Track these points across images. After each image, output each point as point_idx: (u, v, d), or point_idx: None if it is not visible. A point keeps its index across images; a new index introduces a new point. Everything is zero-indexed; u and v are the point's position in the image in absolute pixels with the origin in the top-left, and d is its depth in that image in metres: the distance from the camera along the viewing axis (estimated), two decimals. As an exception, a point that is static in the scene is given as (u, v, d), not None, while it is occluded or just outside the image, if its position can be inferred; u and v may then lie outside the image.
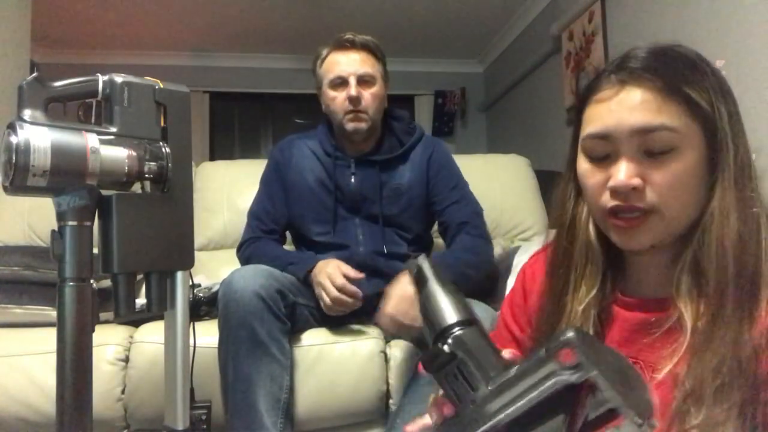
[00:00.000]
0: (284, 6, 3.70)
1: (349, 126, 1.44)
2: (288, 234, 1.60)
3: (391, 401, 1.35)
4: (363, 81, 1.44)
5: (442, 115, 4.71)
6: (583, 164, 0.64)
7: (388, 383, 1.36)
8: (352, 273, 1.26)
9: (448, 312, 0.48)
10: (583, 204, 0.68)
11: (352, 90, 1.42)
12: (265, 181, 1.56)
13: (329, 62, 1.46)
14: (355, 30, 1.50)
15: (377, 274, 1.39)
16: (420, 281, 0.53)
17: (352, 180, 1.48)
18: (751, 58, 1.84)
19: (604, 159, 0.62)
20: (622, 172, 0.59)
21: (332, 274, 1.25)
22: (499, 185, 1.96)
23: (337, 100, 1.45)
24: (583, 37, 2.99)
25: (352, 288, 1.25)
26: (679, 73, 0.59)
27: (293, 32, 4.06)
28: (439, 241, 1.63)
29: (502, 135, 4.45)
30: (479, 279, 1.40)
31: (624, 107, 0.59)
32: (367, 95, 1.44)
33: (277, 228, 1.52)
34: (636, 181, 0.59)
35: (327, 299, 1.26)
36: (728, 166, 0.59)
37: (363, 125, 1.45)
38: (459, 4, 3.73)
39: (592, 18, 2.88)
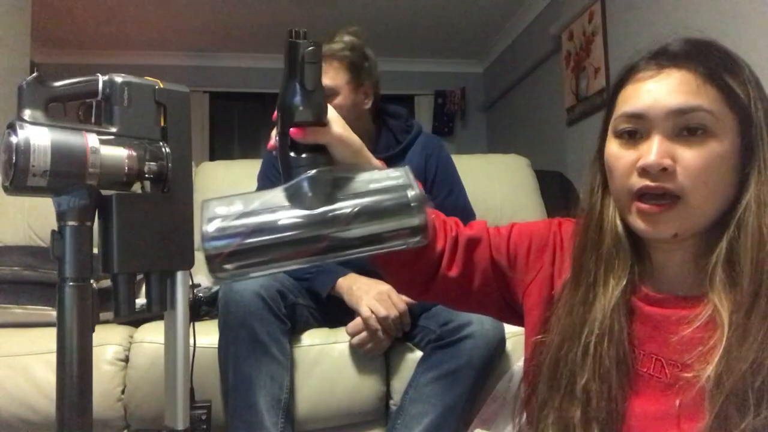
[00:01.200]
0: (284, 6, 3.70)
1: None
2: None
3: (391, 401, 1.35)
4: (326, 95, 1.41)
5: (442, 115, 4.71)
6: (613, 147, 0.64)
7: (388, 383, 1.36)
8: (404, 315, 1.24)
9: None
10: (610, 197, 0.67)
11: None
12: (264, 176, 1.56)
13: None
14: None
15: (378, 276, 1.38)
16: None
17: None
18: (751, 58, 1.84)
19: (635, 140, 0.61)
20: (654, 151, 0.58)
21: (393, 299, 1.24)
22: (499, 185, 1.95)
23: None
24: (583, 37, 2.99)
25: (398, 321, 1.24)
26: (719, 61, 0.60)
27: (293, 32, 4.06)
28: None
29: (502, 135, 4.45)
30: None
31: (663, 88, 0.60)
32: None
33: None
34: (667, 162, 0.58)
35: (359, 328, 1.25)
36: (764, 159, 0.58)
37: None
38: (459, 4, 3.73)
39: (592, 18, 2.88)
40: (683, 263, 0.64)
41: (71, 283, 0.73)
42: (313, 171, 0.62)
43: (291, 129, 0.63)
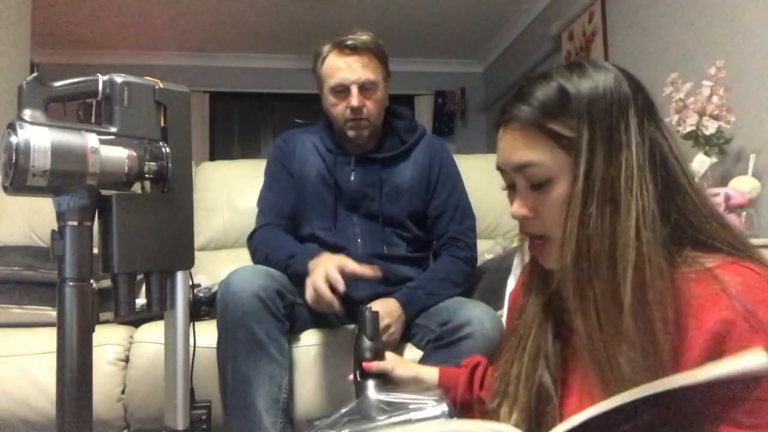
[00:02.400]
0: (284, 6, 3.70)
1: (351, 133, 1.44)
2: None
3: (391, 401, 1.35)
4: (365, 88, 1.41)
5: (442, 115, 4.71)
6: (505, 193, 0.72)
7: (387, 383, 1.36)
8: (359, 270, 1.19)
9: None
10: None
11: (354, 100, 1.40)
12: (271, 172, 1.55)
13: (330, 65, 1.43)
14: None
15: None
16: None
17: (352, 177, 1.47)
18: (751, 58, 1.84)
19: (513, 188, 0.69)
20: (514, 204, 0.67)
21: (328, 267, 1.18)
22: (498, 185, 1.95)
23: (338, 107, 1.43)
24: (583, 37, 2.99)
25: (335, 290, 1.17)
26: (541, 107, 0.63)
27: (293, 32, 4.06)
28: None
29: (502, 135, 4.45)
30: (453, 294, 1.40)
31: (504, 146, 0.67)
32: (369, 103, 1.42)
33: (287, 216, 1.50)
34: (523, 211, 0.66)
35: (309, 289, 1.20)
36: (587, 194, 0.60)
37: (364, 132, 1.44)
38: (459, 4, 3.73)
39: (592, 18, 2.88)
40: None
41: (71, 283, 0.73)
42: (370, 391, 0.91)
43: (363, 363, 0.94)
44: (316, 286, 1.17)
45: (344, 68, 1.41)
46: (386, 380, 0.93)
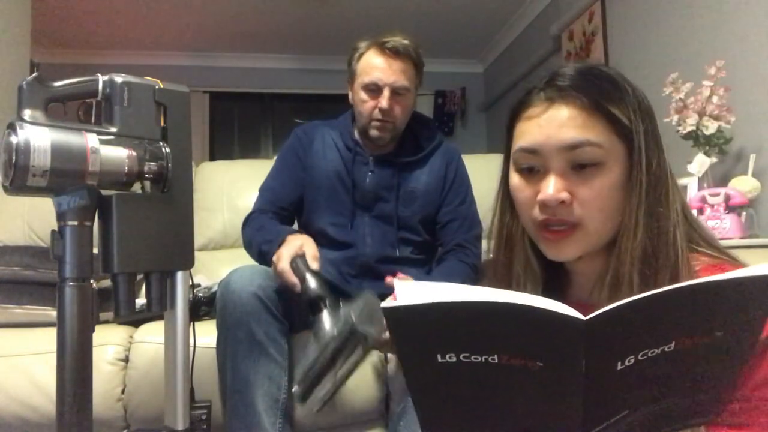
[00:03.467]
0: (284, 6, 3.70)
1: (374, 133, 1.44)
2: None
3: (391, 402, 1.35)
4: (397, 93, 1.42)
5: (442, 115, 4.71)
6: (514, 178, 0.67)
7: (388, 384, 1.36)
8: (310, 259, 1.17)
9: None
10: (518, 219, 0.70)
11: (384, 102, 1.40)
12: (283, 160, 1.55)
13: (367, 62, 1.44)
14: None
15: (380, 278, 1.39)
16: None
17: (368, 178, 1.48)
18: (751, 58, 1.84)
19: (534, 173, 0.65)
20: (551, 186, 0.62)
21: (290, 250, 1.18)
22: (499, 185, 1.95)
23: (367, 104, 1.44)
24: (583, 37, 2.99)
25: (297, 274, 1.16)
26: (603, 91, 0.62)
27: (293, 32, 4.06)
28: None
29: (502, 135, 4.43)
30: None
31: (552, 124, 0.62)
32: (398, 108, 1.43)
33: (285, 207, 1.50)
34: (564, 195, 0.61)
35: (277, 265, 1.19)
36: (639, 183, 0.61)
37: (388, 135, 1.45)
38: (459, 4, 3.73)
39: (592, 18, 2.88)
40: (592, 275, 0.68)
41: (71, 283, 0.73)
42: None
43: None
44: (281, 269, 1.17)
45: (381, 68, 1.42)
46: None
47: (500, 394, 0.44)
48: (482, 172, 1.96)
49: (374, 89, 1.42)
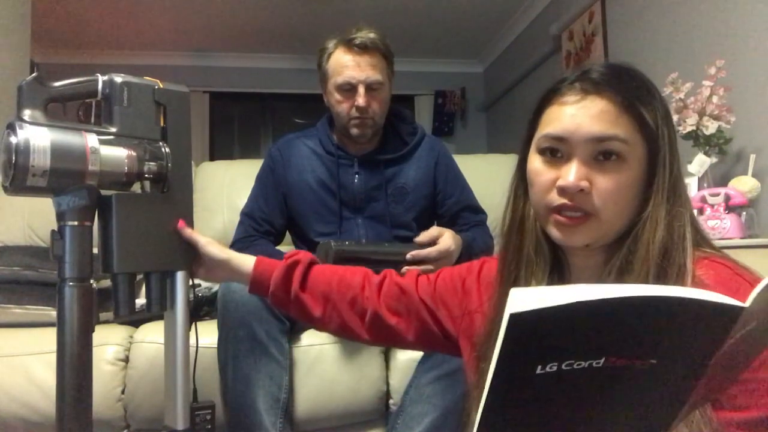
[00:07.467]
0: (284, 6, 3.70)
1: (354, 131, 1.44)
2: (288, 234, 1.59)
3: (391, 401, 1.35)
4: (371, 88, 1.41)
5: (442, 115, 4.71)
6: (535, 162, 0.69)
7: (388, 383, 1.36)
8: None
9: None
10: (529, 203, 0.73)
11: (361, 100, 1.39)
12: (261, 181, 1.55)
13: (337, 62, 1.42)
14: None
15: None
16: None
17: (356, 180, 1.47)
18: (751, 58, 1.84)
19: (556, 159, 0.67)
20: (572, 173, 0.64)
21: None
22: (499, 185, 1.94)
23: (343, 105, 1.42)
24: (583, 37, 2.99)
25: None
26: (635, 91, 0.65)
27: (293, 32, 4.06)
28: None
29: (502, 135, 4.45)
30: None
31: (585, 114, 0.64)
32: (375, 103, 1.42)
33: (271, 229, 1.50)
34: (584, 184, 0.63)
35: None
36: (663, 183, 0.64)
37: (368, 131, 1.44)
38: (459, 4, 3.73)
39: (592, 18, 2.88)
40: (592, 269, 0.70)
41: (71, 283, 0.73)
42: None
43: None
44: None
45: (352, 66, 1.40)
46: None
47: (589, 400, 0.42)
48: (482, 172, 1.97)
49: (348, 89, 1.41)
